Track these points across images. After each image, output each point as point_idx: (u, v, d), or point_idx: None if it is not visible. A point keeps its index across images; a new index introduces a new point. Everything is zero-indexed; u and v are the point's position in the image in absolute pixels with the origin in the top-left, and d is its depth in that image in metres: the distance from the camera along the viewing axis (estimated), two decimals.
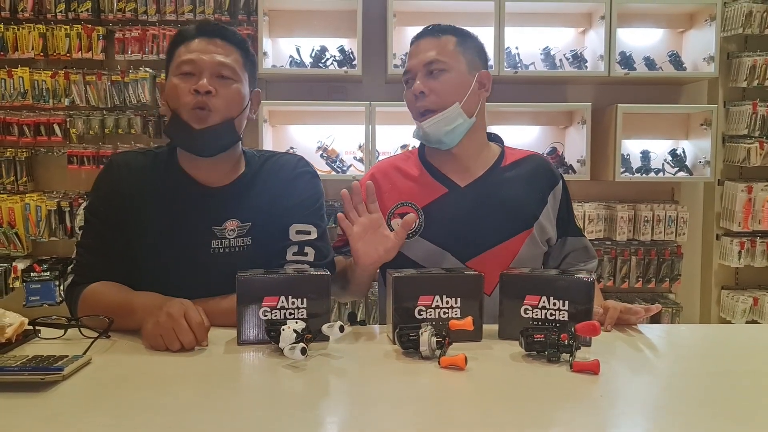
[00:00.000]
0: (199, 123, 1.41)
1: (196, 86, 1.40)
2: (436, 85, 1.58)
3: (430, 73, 1.59)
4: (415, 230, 1.62)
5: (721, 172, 3.42)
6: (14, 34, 3.22)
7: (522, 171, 1.69)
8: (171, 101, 1.43)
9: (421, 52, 1.61)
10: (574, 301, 1.27)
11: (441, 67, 1.58)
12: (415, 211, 1.62)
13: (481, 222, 1.62)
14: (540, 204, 1.67)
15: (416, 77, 1.60)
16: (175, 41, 1.48)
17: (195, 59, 1.41)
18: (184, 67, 1.42)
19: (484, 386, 1.07)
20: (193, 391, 1.04)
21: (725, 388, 1.07)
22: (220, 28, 1.47)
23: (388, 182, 1.69)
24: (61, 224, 3.28)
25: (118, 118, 3.29)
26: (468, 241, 1.61)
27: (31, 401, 0.96)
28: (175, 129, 1.44)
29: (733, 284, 3.51)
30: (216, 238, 1.48)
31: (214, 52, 1.43)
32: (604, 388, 1.05)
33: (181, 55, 1.44)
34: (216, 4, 3.26)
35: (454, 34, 1.63)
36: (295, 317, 1.25)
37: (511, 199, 1.64)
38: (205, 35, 1.45)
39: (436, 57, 1.58)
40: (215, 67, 1.42)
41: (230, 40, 1.46)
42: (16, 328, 1.24)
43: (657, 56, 3.35)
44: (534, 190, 1.67)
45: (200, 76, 1.41)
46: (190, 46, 1.44)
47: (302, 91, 3.35)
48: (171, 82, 1.44)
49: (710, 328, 2.08)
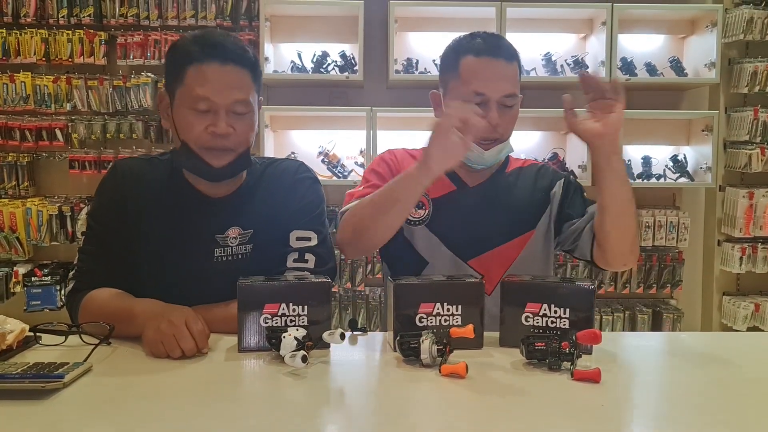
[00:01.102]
0: (217, 161, 1.41)
1: (215, 129, 1.37)
2: (508, 118, 1.57)
3: (504, 105, 1.55)
4: (422, 219, 1.64)
5: (722, 178, 3.42)
6: (17, 39, 3.23)
7: (525, 176, 1.72)
8: (183, 133, 1.40)
9: (497, 78, 1.54)
10: (575, 309, 1.26)
11: (514, 103, 1.57)
12: (427, 200, 1.64)
13: (485, 222, 1.64)
14: (543, 205, 1.68)
15: (490, 104, 1.53)
16: (181, 57, 1.40)
17: (212, 98, 1.37)
18: (200, 105, 1.37)
19: (485, 395, 1.07)
20: (194, 399, 1.03)
21: (727, 397, 1.07)
22: (231, 49, 1.40)
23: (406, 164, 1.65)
24: (63, 229, 3.28)
25: (120, 123, 3.29)
26: (471, 240, 1.63)
27: (32, 409, 0.96)
28: (189, 161, 1.43)
29: (735, 290, 3.50)
30: (219, 246, 1.48)
31: (229, 86, 1.38)
32: (606, 397, 1.05)
33: (193, 83, 1.37)
34: (218, 9, 3.26)
35: (516, 58, 1.59)
36: (295, 324, 1.25)
37: (515, 203, 1.67)
38: (217, 59, 1.38)
39: (513, 90, 1.55)
40: (232, 106, 1.39)
41: (243, 62, 1.41)
42: (17, 335, 1.24)
43: (658, 62, 3.35)
44: (536, 192, 1.69)
45: (216, 113, 1.38)
46: (205, 74, 1.37)
47: (304, 97, 3.36)
48: (183, 114, 1.39)
49: (711, 336, 2.08)
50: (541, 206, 1.68)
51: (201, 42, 1.41)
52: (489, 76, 1.53)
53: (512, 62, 1.57)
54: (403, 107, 3.29)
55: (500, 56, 1.55)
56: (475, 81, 1.53)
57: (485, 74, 1.53)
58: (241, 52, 1.42)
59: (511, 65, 1.56)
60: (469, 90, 1.53)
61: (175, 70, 1.41)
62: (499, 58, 1.54)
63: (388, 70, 3.17)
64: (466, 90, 1.54)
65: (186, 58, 1.39)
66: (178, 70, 1.40)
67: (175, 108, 1.41)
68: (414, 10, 3.26)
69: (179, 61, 1.40)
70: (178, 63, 1.40)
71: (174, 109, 1.42)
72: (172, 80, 1.42)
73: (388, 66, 3.17)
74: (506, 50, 1.57)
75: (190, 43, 1.42)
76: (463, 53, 1.57)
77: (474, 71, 1.54)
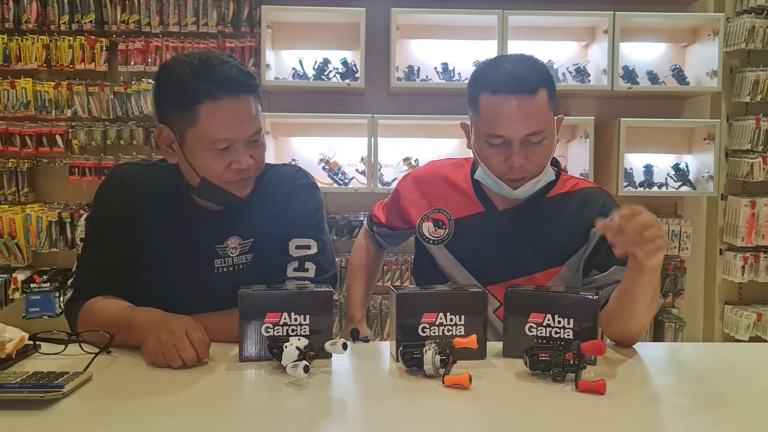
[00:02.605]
0: (243, 192, 1.41)
1: (239, 165, 1.35)
2: (535, 156, 1.44)
3: (530, 143, 1.43)
4: (442, 239, 1.60)
5: (724, 187, 3.41)
6: (18, 45, 3.23)
7: (568, 204, 1.55)
8: (203, 172, 1.36)
9: (521, 119, 1.40)
10: (578, 320, 1.25)
11: (542, 138, 1.43)
12: (447, 219, 1.60)
13: (508, 251, 1.54)
14: (580, 241, 1.52)
15: (513, 144, 1.42)
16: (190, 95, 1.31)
17: (232, 137, 1.33)
18: (220, 145, 1.33)
19: (488, 406, 1.06)
20: (195, 409, 1.02)
21: (733, 410, 1.06)
22: (241, 80, 1.34)
23: (431, 187, 1.65)
24: (62, 235, 3.27)
25: (120, 129, 3.29)
26: (492, 266, 1.55)
27: (32, 419, 0.95)
28: (211, 194, 1.41)
29: (737, 299, 3.49)
30: (219, 256, 1.46)
31: (247, 119, 1.34)
32: (610, 409, 1.04)
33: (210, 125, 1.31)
34: (219, 16, 3.27)
35: (544, 84, 1.43)
36: (297, 334, 1.24)
37: (545, 234, 1.53)
38: (231, 93, 1.32)
39: (538, 128, 1.41)
40: (250, 137, 1.37)
41: (252, 89, 1.36)
42: (16, 343, 1.23)
43: (660, 70, 3.35)
44: (576, 226, 1.52)
45: (237, 149, 1.35)
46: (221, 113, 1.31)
47: (305, 104, 3.35)
48: (200, 154, 1.34)
49: (715, 347, 2.07)
50: (577, 242, 1.52)
51: (208, 77, 1.31)
52: (507, 117, 1.41)
53: (534, 94, 1.41)
54: (404, 114, 3.28)
55: (519, 92, 1.40)
56: (495, 122, 1.42)
57: (503, 115, 1.41)
58: (248, 79, 1.36)
59: (534, 98, 1.41)
60: (490, 131, 1.44)
61: (180, 108, 1.33)
62: (519, 94, 1.40)
63: (390, 77, 3.16)
64: (487, 130, 1.44)
65: (195, 96, 1.31)
66: (185, 109, 1.32)
67: (189, 147, 1.35)
68: (415, 18, 3.26)
69: (186, 99, 1.32)
70: (184, 101, 1.32)
71: (187, 149, 1.36)
72: (178, 119, 1.34)
73: (390, 73, 3.16)
74: (528, 82, 1.41)
75: (194, 78, 1.32)
76: (482, 89, 1.45)
77: (492, 111, 1.43)
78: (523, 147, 1.43)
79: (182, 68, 1.34)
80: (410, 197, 1.68)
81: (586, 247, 1.52)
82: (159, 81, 1.39)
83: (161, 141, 1.40)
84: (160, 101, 1.39)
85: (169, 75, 1.36)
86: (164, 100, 1.38)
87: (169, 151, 1.40)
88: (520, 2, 3.32)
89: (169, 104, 1.36)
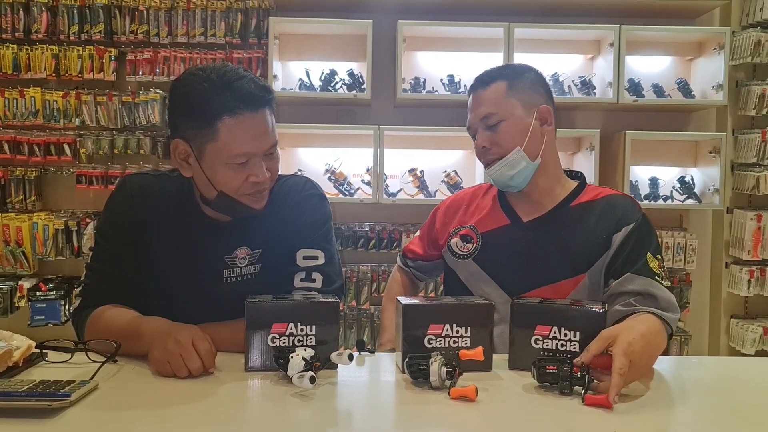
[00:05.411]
0: (259, 204, 1.41)
1: (257, 179, 1.36)
2: (496, 137, 1.60)
3: (488, 126, 1.60)
4: (470, 253, 1.64)
5: (729, 200, 3.41)
6: (27, 55, 3.25)
7: (591, 213, 1.59)
8: (221, 186, 1.36)
9: (475, 107, 1.63)
10: (585, 332, 1.25)
11: (496, 120, 1.59)
12: (475, 234, 1.65)
13: (533, 260, 1.58)
14: (600, 248, 1.54)
15: (477, 132, 1.64)
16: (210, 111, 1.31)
17: (251, 151, 1.34)
18: (239, 159, 1.34)
19: (495, 419, 1.05)
20: (200, 419, 1.02)
21: (740, 425, 1.06)
22: (260, 95, 1.34)
23: (460, 209, 1.75)
24: (68, 244, 3.27)
25: (128, 138, 3.30)
26: (518, 276, 1.58)
27: (38, 428, 0.96)
28: (227, 206, 1.40)
29: (743, 313, 3.47)
30: (227, 267, 1.47)
31: (265, 134, 1.36)
32: (618, 423, 1.03)
33: (231, 141, 1.32)
34: (227, 27, 3.29)
35: (503, 77, 1.62)
36: (303, 344, 1.24)
37: (569, 242, 1.57)
38: (251, 108, 1.32)
39: (489, 111, 1.60)
40: (267, 151, 1.38)
41: (268, 103, 1.37)
42: (23, 351, 1.23)
43: (665, 83, 3.35)
44: (598, 232, 1.56)
45: (255, 163, 1.36)
46: (241, 129, 1.32)
47: (311, 114, 3.37)
48: (219, 169, 1.34)
49: (722, 361, 2.06)
50: (599, 249, 1.54)
51: (227, 92, 1.31)
52: (471, 109, 1.66)
53: (487, 86, 1.62)
54: (410, 126, 3.29)
55: (477, 87, 1.64)
56: (468, 120, 1.68)
57: (469, 109, 1.66)
58: (265, 93, 1.36)
59: (486, 89, 1.62)
60: (467, 125, 1.69)
61: (199, 123, 1.33)
62: (477, 89, 1.64)
63: (396, 88, 3.17)
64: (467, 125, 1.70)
65: (215, 112, 1.31)
66: (204, 125, 1.32)
67: (207, 162, 1.35)
68: (422, 30, 3.27)
69: (205, 115, 1.31)
70: (203, 117, 1.32)
71: (205, 163, 1.35)
72: (196, 134, 1.34)
73: (396, 85, 3.17)
74: (484, 78, 1.64)
75: (213, 94, 1.31)
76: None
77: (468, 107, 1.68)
78: (485, 131, 1.61)
79: (200, 84, 1.33)
80: (443, 220, 1.77)
81: (606, 254, 1.54)
82: (176, 96, 1.38)
83: (176, 155, 1.39)
84: (177, 116, 1.38)
85: (186, 90, 1.35)
86: (181, 115, 1.37)
87: (184, 165, 1.40)
88: (526, 15, 3.34)
89: (187, 119, 1.35)
